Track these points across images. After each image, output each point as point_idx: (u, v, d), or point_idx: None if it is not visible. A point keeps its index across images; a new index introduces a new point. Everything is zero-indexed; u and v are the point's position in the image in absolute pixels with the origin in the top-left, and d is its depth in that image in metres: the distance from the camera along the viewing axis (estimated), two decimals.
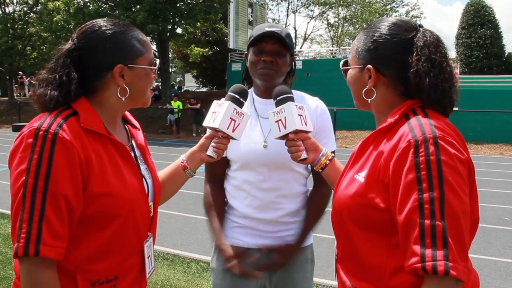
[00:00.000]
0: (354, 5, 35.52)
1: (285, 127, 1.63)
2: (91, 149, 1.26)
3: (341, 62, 1.44)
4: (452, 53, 26.11)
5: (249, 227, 1.96)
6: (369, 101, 1.32)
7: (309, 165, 1.94)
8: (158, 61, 1.44)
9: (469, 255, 1.28)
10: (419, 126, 1.16)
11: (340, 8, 36.09)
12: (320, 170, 1.65)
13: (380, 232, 1.21)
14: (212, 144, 1.62)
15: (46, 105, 1.28)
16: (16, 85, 30.69)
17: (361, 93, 1.34)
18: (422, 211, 1.08)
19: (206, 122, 1.67)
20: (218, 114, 1.62)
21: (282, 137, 1.66)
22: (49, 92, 1.28)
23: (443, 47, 1.27)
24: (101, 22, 1.36)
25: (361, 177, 1.25)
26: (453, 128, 1.22)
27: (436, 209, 1.07)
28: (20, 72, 30.31)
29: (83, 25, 1.37)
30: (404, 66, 1.24)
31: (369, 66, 1.29)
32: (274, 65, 1.88)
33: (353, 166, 1.33)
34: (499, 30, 26.79)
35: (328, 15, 37.54)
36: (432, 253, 1.05)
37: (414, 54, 1.23)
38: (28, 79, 28.66)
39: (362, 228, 1.25)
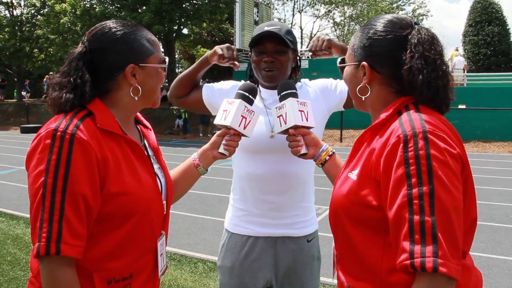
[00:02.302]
0: (360, 4, 35.42)
1: (285, 123, 1.68)
2: (107, 149, 1.28)
3: (338, 60, 1.44)
4: (459, 51, 25.89)
5: (257, 214, 1.97)
6: (363, 98, 1.32)
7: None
8: (167, 59, 1.47)
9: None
10: (409, 121, 1.15)
11: (346, 7, 36.03)
12: (320, 166, 1.69)
13: (375, 231, 1.19)
14: (224, 142, 1.67)
15: (61, 107, 1.30)
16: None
17: (356, 90, 1.33)
18: (411, 206, 1.06)
19: (217, 120, 1.70)
20: (229, 112, 1.66)
21: (283, 132, 1.71)
22: (64, 95, 1.30)
23: (438, 45, 1.25)
24: (110, 23, 1.38)
25: (354, 175, 1.24)
26: (448, 124, 1.20)
27: (425, 205, 1.05)
28: (51, 73, 30.52)
29: (93, 28, 1.40)
30: (398, 63, 1.23)
31: (364, 63, 1.29)
32: (276, 64, 1.90)
33: (348, 164, 1.32)
34: (507, 27, 26.63)
35: (334, 14, 37.53)
36: (421, 249, 1.03)
37: (408, 51, 1.22)
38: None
39: (357, 226, 1.23)
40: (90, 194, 1.22)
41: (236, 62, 2.03)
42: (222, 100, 1.96)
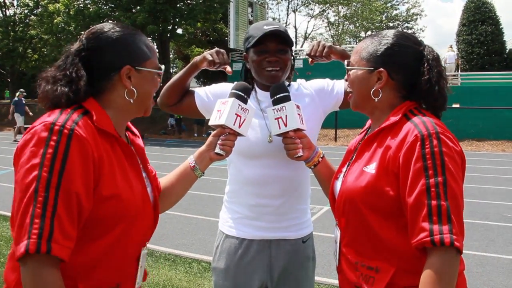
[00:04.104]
0: (354, 3, 35.48)
1: (285, 125, 1.69)
2: (103, 149, 1.25)
3: (346, 62, 1.57)
4: (453, 48, 26.03)
5: (253, 217, 1.96)
6: (376, 100, 1.47)
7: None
8: (163, 67, 1.45)
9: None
10: (423, 123, 1.34)
11: (340, 7, 36.08)
12: (312, 167, 1.77)
13: (389, 216, 1.37)
14: (219, 142, 1.64)
15: (55, 101, 1.27)
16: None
17: (367, 92, 1.48)
18: (429, 193, 1.26)
19: (212, 121, 1.69)
20: (223, 111, 1.65)
21: (280, 134, 1.72)
22: (58, 88, 1.27)
23: (442, 63, 1.50)
24: (110, 25, 1.38)
25: (370, 169, 1.41)
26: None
27: (441, 192, 1.25)
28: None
29: (92, 27, 1.38)
30: (412, 73, 1.44)
31: (382, 69, 1.44)
32: (280, 63, 1.89)
33: (357, 160, 1.49)
34: (500, 27, 26.73)
35: (328, 13, 37.59)
36: (439, 228, 1.23)
37: (426, 65, 1.43)
38: None
39: (374, 212, 1.40)
40: (84, 194, 1.17)
41: (227, 67, 2.00)
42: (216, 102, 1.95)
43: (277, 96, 1.74)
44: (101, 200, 1.23)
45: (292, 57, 2.00)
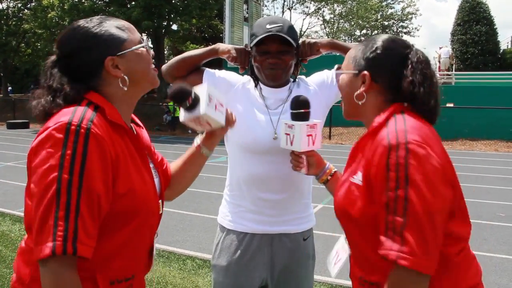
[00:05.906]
0: (349, 2, 35.53)
1: (291, 144, 1.71)
2: (117, 145, 1.24)
3: (335, 67, 1.54)
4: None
5: (254, 211, 1.94)
6: (360, 103, 1.43)
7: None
8: (145, 36, 1.41)
9: None
10: (395, 131, 1.26)
11: (335, 5, 36.11)
12: (322, 183, 1.76)
13: (374, 229, 1.27)
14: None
15: (43, 110, 1.26)
16: None
17: (353, 96, 1.44)
18: (388, 207, 1.19)
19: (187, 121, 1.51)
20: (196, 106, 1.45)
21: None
22: (42, 99, 1.26)
23: (431, 67, 1.43)
24: (74, 25, 1.33)
25: (357, 179, 1.34)
26: (432, 130, 1.34)
27: (398, 207, 1.18)
28: None
29: (59, 34, 1.35)
30: (396, 76, 1.38)
31: (365, 72, 1.41)
32: (281, 64, 1.88)
33: (346, 170, 1.44)
34: (494, 27, 26.89)
35: (323, 11, 37.61)
36: (391, 244, 1.18)
37: (410, 67, 1.37)
38: None
39: (358, 227, 1.34)
40: (103, 193, 1.17)
41: (244, 67, 2.01)
42: (223, 89, 1.94)
43: (295, 112, 1.73)
44: (118, 197, 1.23)
45: (299, 53, 2.00)
